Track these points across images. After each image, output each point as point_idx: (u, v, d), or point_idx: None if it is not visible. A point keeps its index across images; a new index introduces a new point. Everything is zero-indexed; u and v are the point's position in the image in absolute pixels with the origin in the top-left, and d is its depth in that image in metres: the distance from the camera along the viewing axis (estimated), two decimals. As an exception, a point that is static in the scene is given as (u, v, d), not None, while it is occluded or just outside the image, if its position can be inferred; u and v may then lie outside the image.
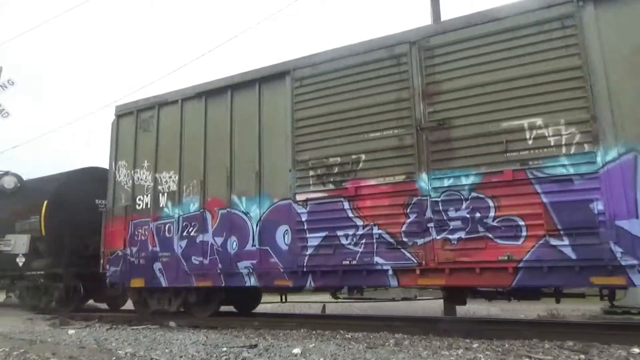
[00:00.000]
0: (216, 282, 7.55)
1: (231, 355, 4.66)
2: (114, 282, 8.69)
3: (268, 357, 4.59)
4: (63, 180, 10.40)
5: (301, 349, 4.83)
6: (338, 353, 4.63)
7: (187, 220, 7.98)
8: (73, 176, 10.59)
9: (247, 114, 7.74)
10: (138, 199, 8.66)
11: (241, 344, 5.28)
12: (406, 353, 4.56)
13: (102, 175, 11.02)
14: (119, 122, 9.27)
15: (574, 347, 4.79)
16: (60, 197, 10.10)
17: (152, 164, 8.61)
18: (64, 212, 9.95)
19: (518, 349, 4.84)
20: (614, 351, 4.55)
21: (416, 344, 5.29)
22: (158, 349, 5.14)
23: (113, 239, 8.78)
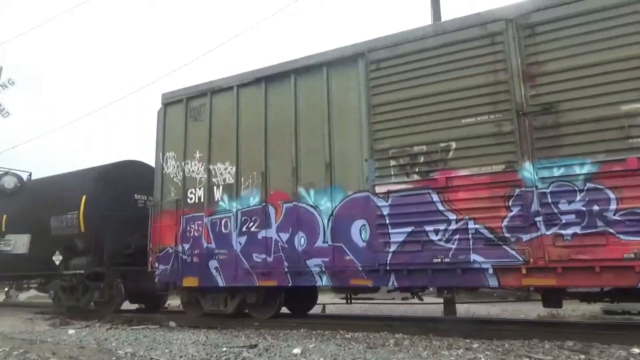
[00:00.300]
0: (282, 282, 6.98)
1: (231, 355, 4.63)
2: (164, 282, 8.11)
3: (268, 357, 4.56)
4: (102, 174, 9.81)
5: (301, 349, 4.82)
6: (338, 353, 4.61)
7: (247, 214, 7.41)
8: (112, 170, 10.00)
9: (313, 100, 7.18)
10: (189, 192, 8.09)
11: (241, 344, 5.25)
12: (406, 353, 4.54)
13: (140, 168, 10.51)
14: (166, 111, 8.69)
15: (574, 347, 4.75)
16: (99, 191, 9.52)
17: (204, 155, 8.04)
18: (104, 208, 9.37)
19: (518, 349, 4.81)
20: (614, 351, 4.52)
21: (416, 344, 5.27)
22: (158, 349, 5.12)
23: (162, 235, 8.21)
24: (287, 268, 6.90)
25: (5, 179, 11.59)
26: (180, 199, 8.11)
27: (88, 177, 9.88)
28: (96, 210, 9.32)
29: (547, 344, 4.99)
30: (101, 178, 9.72)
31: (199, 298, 8.05)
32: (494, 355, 4.45)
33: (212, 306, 7.84)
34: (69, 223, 9.46)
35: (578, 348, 4.75)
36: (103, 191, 9.55)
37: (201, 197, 7.94)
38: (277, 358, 4.55)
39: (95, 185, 9.57)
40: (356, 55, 6.90)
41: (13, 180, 11.66)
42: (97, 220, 9.22)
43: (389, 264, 6.13)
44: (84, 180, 9.86)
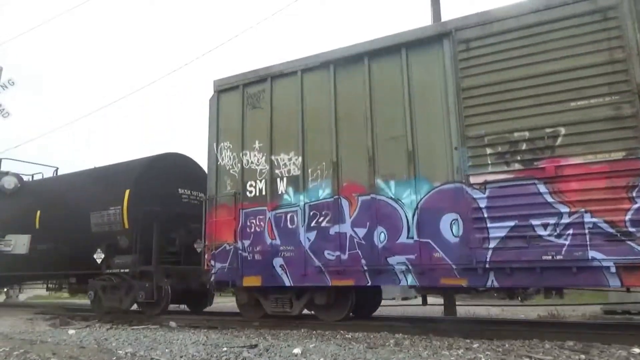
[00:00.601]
0: (359, 281, 6.43)
1: (231, 355, 4.61)
2: (221, 281, 7.55)
3: (268, 357, 4.55)
4: (145, 166, 9.22)
5: (301, 349, 4.80)
6: (338, 353, 4.59)
7: (316, 208, 6.86)
8: (155, 163, 9.42)
9: (389, 84, 6.64)
10: (249, 185, 7.53)
11: (241, 344, 5.24)
12: (406, 353, 4.53)
13: (182, 161, 9.98)
14: (219, 98, 8.13)
15: (574, 347, 4.74)
16: (143, 185, 8.95)
17: (265, 145, 7.49)
18: (149, 203, 8.80)
19: (518, 349, 4.79)
20: (614, 351, 4.50)
21: (416, 344, 5.25)
22: (158, 349, 5.10)
23: (219, 231, 7.65)
24: (365, 266, 6.35)
25: (5, 179, 11.36)
26: (239, 192, 7.55)
27: (130, 169, 9.30)
28: (141, 205, 8.74)
29: (548, 344, 4.94)
30: (145, 171, 9.15)
31: (260, 299, 7.48)
32: (494, 355, 4.43)
33: (276, 308, 7.27)
34: (111, 219, 8.88)
35: (578, 348, 4.71)
36: (147, 185, 8.98)
37: (262, 190, 7.39)
38: (278, 358, 4.51)
39: (139, 179, 8.99)
40: (440, 34, 6.35)
41: (13, 180, 11.42)
42: (142, 216, 8.64)
43: (488, 262, 5.57)
44: (126, 174, 9.27)
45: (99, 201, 9.18)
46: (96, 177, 9.91)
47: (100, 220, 9.04)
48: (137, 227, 8.68)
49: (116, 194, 8.95)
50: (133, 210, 8.74)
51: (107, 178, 9.59)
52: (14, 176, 11.50)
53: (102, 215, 9.03)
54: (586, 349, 4.65)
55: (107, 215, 8.95)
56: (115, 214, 8.85)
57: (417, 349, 4.86)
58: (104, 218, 9.00)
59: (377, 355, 4.45)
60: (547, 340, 5.11)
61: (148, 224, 8.62)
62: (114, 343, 5.61)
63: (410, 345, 5.16)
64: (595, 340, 5.02)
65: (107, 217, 8.94)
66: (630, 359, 4.28)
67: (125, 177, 9.19)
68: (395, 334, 5.93)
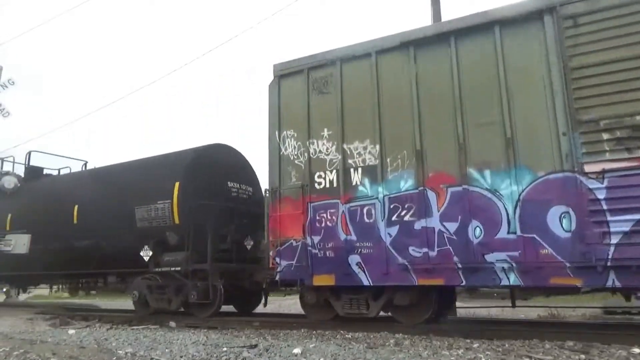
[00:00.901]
0: (451, 280, 5.86)
1: (231, 355, 4.59)
2: (288, 280, 6.99)
3: (268, 357, 4.54)
4: (194, 158, 8.63)
5: (301, 349, 4.78)
6: (338, 353, 4.57)
7: (397, 201, 6.29)
8: (203, 154, 8.82)
9: (481, 65, 6.08)
10: (317, 176, 6.97)
11: (241, 344, 5.22)
12: (406, 353, 4.51)
13: (230, 153, 9.41)
14: (280, 84, 7.57)
15: (574, 347, 4.73)
16: (194, 177, 8.37)
17: (335, 133, 6.93)
18: (200, 196, 8.22)
19: (518, 349, 4.78)
20: (614, 351, 4.49)
21: (416, 344, 5.24)
22: (158, 349, 5.08)
23: (284, 226, 7.08)
24: (458, 264, 5.78)
25: (5, 178, 11.18)
26: (306, 184, 6.98)
27: (178, 161, 8.71)
28: (192, 199, 8.16)
29: (548, 344, 4.93)
30: (194, 162, 8.55)
31: (330, 299, 6.91)
32: (494, 355, 4.42)
33: (350, 309, 6.70)
34: (159, 214, 8.30)
35: (578, 348, 4.71)
36: (197, 177, 8.39)
37: (334, 182, 6.82)
38: (278, 358, 4.50)
39: (189, 171, 8.40)
40: (541, 10, 5.78)
41: (13, 180, 11.25)
42: (194, 210, 8.06)
43: (610, 259, 5.00)
44: (173, 165, 8.68)
45: (145, 195, 8.59)
46: (139, 169, 9.30)
47: (147, 215, 8.46)
48: (188, 223, 8.10)
49: (164, 187, 8.37)
50: (184, 205, 8.15)
51: (152, 170, 8.98)
52: (14, 176, 11.34)
53: (148, 209, 8.46)
54: (586, 349, 4.63)
55: (154, 210, 8.37)
56: (164, 209, 8.27)
57: (417, 348, 4.84)
58: (151, 213, 8.42)
59: (377, 355, 4.42)
60: (547, 340, 5.08)
61: (201, 219, 8.04)
62: (114, 343, 5.60)
63: (410, 345, 5.13)
64: (595, 340, 4.99)
65: (155, 211, 8.36)
66: (630, 359, 4.26)
67: (173, 169, 8.59)
68: (396, 333, 5.88)
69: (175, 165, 8.66)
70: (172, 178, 8.36)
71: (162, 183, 8.47)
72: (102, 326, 7.76)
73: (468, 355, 4.42)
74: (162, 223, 8.32)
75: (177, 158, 8.87)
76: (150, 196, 8.51)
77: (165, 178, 8.50)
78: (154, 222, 8.41)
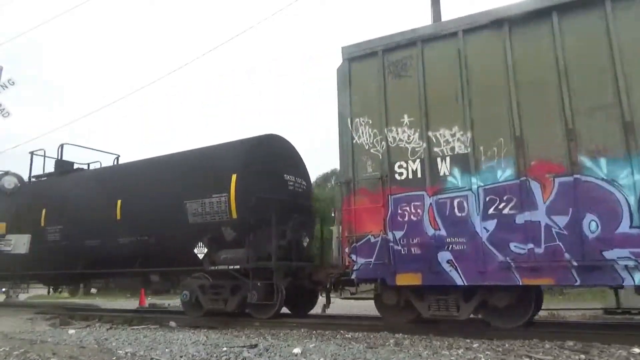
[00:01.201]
0: (563, 280, 5.32)
1: (231, 355, 4.58)
2: (365, 279, 6.45)
3: (268, 357, 4.53)
4: (251, 149, 8.04)
5: (301, 348, 4.77)
6: (338, 353, 4.56)
7: (494, 192, 5.74)
8: (260, 144, 8.26)
9: (589, 42, 5.57)
10: (398, 167, 6.42)
11: (241, 344, 5.22)
12: (406, 353, 4.51)
13: (283, 144, 8.85)
14: (351, 68, 7.01)
15: (574, 347, 4.73)
16: (251, 169, 7.79)
17: (417, 120, 6.38)
18: (259, 189, 7.66)
19: (518, 349, 4.78)
20: (614, 351, 4.49)
21: (416, 343, 5.23)
22: (158, 349, 5.08)
23: (359, 220, 6.53)
24: (572, 262, 5.21)
25: (5, 178, 10.99)
26: (385, 175, 6.43)
27: (234, 152, 8.13)
28: (250, 192, 7.60)
29: (548, 344, 4.93)
30: (251, 153, 7.98)
31: (413, 300, 6.35)
32: (494, 355, 4.42)
33: (438, 310, 6.14)
34: (214, 208, 7.74)
35: (578, 348, 4.71)
36: (255, 169, 7.82)
37: (417, 172, 6.27)
38: (278, 358, 4.48)
39: (247, 162, 7.83)
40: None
41: (13, 180, 11.04)
42: (254, 204, 7.50)
43: None
44: (229, 156, 8.10)
45: (197, 188, 8.02)
46: (190, 161, 8.70)
47: (201, 209, 7.90)
48: (247, 217, 7.53)
49: (220, 179, 7.80)
50: (242, 198, 7.57)
51: (204, 162, 8.38)
52: (14, 176, 11.16)
53: (202, 204, 7.89)
54: (586, 349, 4.63)
55: (209, 204, 7.80)
56: (220, 203, 7.70)
57: (417, 348, 4.83)
58: (205, 207, 7.86)
59: (377, 355, 4.42)
60: (547, 340, 5.06)
61: (262, 213, 7.48)
62: (114, 343, 5.60)
63: (410, 345, 5.12)
64: (595, 340, 4.98)
65: (210, 205, 7.79)
66: (630, 359, 4.26)
67: (228, 160, 8.01)
68: (395, 333, 5.88)
69: (231, 156, 8.09)
70: (228, 170, 7.79)
71: (217, 175, 7.91)
72: (102, 326, 7.76)
73: (468, 355, 4.41)
74: (217, 218, 7.76)
75: (231, 148, 8.30)
76: (203, 189, 7.95)
77: (220, 170, 7.94)
78: (208, 217, 7.85)
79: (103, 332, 6.80)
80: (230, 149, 8.30)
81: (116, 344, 5.47)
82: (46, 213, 10.58)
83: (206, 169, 8.20)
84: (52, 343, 5.69)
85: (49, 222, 10.47)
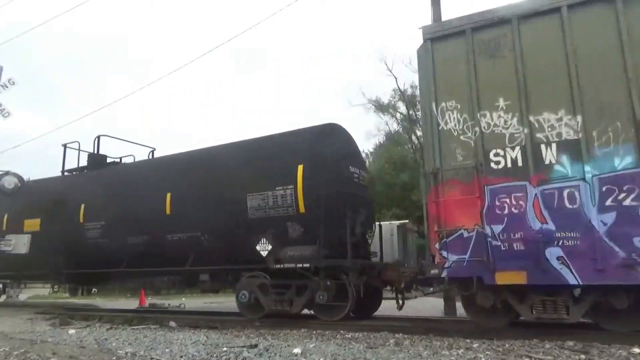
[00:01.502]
0: None
1: (231, 355, 4.58)
2: (458, 277, 5.89)
3: (268, 357, 4.52)
4: (316, 138, 7.49)
5: (301, 348, 4.76)
6: (338, 353, 4.56)
7: (612, 182, 5.20)
8: (325, 133, 7.72)
9: None
10: (493, 155, 5.87)
11: (241, 344, 5.21)
12: (406, 353, 4.51)
13: (345, 135, 8.33)
14: (433, 48, 6.47)
15: (574, 347, 4.73)
16: (318, 160, 7.24)
17: (515, 103, 5.84)
18: (327, 182, 7.12)
19: (518, 349, 4.78)
20: (614, 351, 4.49)
21: (416, 344, 5.23)
22: (158, 349, 5.08)
23: (449, 213, 5.99)
24: None
25: (5, 178, 10.88)
26: (479, 164, 5.89)
27: (300, 141, 7.57)
28: (319, 184, 7.06)
29: (548, 344, 4.92)
30: (318, 142, 7.43)
31: (511, 301, 5.80)
32: (494, 355, 4.42)
33: (545, 312, 5.58)
34: (278, 202, 7.21)
35: (578, 348, 4.71)
36: (323, 160, 7.29)
37: (517, 160, 5.73)
38: (278, 358, 4.47)
39: (314, 151, 7.28)
40: None
41: (13, 180, 10.90)
42: (324, 198, 6.95)
43: None
44: (294, 146, 7.55)
45: (259, 180, 7.47)
46: (249, 151, 8.10)
47: (263, 203, 7.36)
48: (317, 212, 6.98)
49: (285, 170, 7.26)
50: (310, 191, 7.02)
51: (265, 152, 7.82)
52: (14, 176, 11.02)
53: (264, 197, 7.36)
54: (586, 349, 4.62)
55: (273, 198, 7.27)
56: (285, 196, 7.16)
57: (417, 348, 4.82)
58: (267, 201, 7.32)
59: (377, 355, 4.42)
60: (547, 340, 5.05)
61: (334, 208, 6.94)
62: (114, 343, 5.60)
63: (410, 345, 5.12)
64: (595, 340, 4.96)
65: (274, 199, 7.25)
66: (631, 359, 4.25)
67: (293, 150, 7.44)
68: (395, 333, 5.89)
69: (296, 145, 7.53)
70: (294, 160, 7.25)
71: (281, 166, 7.37)
72: (102, 326, 7.78)
73: (468, 355, 4.40)
74: (282, 212, 7.22)
75: (295, 138, 7.74)
76: (266, 182, 7.42)
77: (284, 160, 7.39)
78: (272, 211, 7.31)
79: (103, 332, 6.82)
80: (293, 138, 7.74)
81: (116, 344, 5.48)
82: (85, 208, 10.08)
83: (268, 160, 7.62)
84: (52, 343, 5.70)
85: (88, 218, 9.96)
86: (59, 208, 10.52)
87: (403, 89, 26.00)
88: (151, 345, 5.31)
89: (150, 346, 5.27)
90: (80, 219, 10.04)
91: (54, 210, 10.64)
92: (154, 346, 5.26)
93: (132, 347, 5.22)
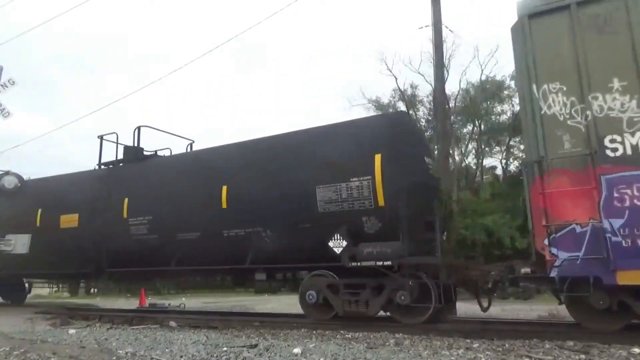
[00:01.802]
0: None
1: (232, 355, 4.59)
2: (571, 276, 5.37)
3: (268, 356, 4.53)
4: (393, 125, 6.96)
5: (301, 348, 4.77)
6: (338, 353, 4.57)
7: None
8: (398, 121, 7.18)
9: None
10: (609, 141, 5.33)
11: (242, 344, 5.23)
12: (407, 353, 4.51)
13: (414, 125, 7.81)
14: (531, 26, 5.92)
15: (574, 347, 4.74)
16: (396, 149, 6.70)
17: (634, 84, 5.29)
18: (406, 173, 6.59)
19: (518, 349, 4.80)
20: (614, 351, 4.50)
21: (416, 344, 5.26)
22: (158, 349, 5.09)
23: (558, 206, 5.48)
24: None
25: (5, 178, 10.99)
26: (593, 152, 5.34)
27: (374, 128, 7.00)
28: (399, 175, 6.54)
29: (548, 344, 4.95)
30: (395, 130, 6.89)
31: (628, 301, 5.27)
32: (495, 355, 4.43)
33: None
34: (353, 194, 6.69)
35: (578, 348, 4.72)
36: (400, 149, 6.76)
37: (638, 147, 5.18)
38: (278, 358, 4.49)
39: (393, 140, 6.74)
40: None
41: (13, 180, 11.03)
42: (406, 190, 6.42)
43: None
44: (369, 133, 6.96)
45: (330, 171, 6.95)
46: (316, 139, 7.56)
47: (336, 196, 6.84)
48: (398, 205, 6.45)
49: (360, 160, 6.71)
50: (390, 182, 6.51)
51: (335, 141, 7.26)
52: (14, 176, 11.12)
53: (337, 189, 6.83)
54: (586, 349, 4.63)
55: (346, 190, 6.74)
56: (360, 188, 6.64)
57: (417, 348, 4.84)
58: (340, 193, 6.80)
59: (377, 355, 4.43)
60: (547, 340, 5.09)
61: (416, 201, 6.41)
62: (114, 343, 5.62)
63: (410, 345, 5.13)
64: (595, 340, 4.97)
65: (348, 191, 6.73)
66: (631, 359, 4.25)
67: (368, 137, 6.88)
68: (396, 334, 5.90)
69: (371, 133, 6.97)
70: (370, 149, 6.71)
71: (355, 155, 6.83)
72: (102, 326, 7.82)
73: (468, 355, 4.41)
74: (358, 206, 6.70)
75: (368, 125, 7.22)
76: (339, 172, 6.87)
77: (358, 149, 6.85)
78: (345, 204, 6.79)
79: (103, 332, 6.86)
80: (366, 126, 7.21)
81: (116, 344, 5.52)
82: (129, 203, 9.60)
83: (340, 149, 7.06)
84: (53, 343, 5.73)
85: (132, 213, 9.47)
86: (100, 203, 10.05)
87: (403, 89, 25.62)
88: (151, 345, 5.36)
89: (150, 346, 5.31)
90: (124, 214, 9.56)
91: (94, 204, 10.16)
92: (154, 346, 5.31)
93: (132, 347, 5.27)
